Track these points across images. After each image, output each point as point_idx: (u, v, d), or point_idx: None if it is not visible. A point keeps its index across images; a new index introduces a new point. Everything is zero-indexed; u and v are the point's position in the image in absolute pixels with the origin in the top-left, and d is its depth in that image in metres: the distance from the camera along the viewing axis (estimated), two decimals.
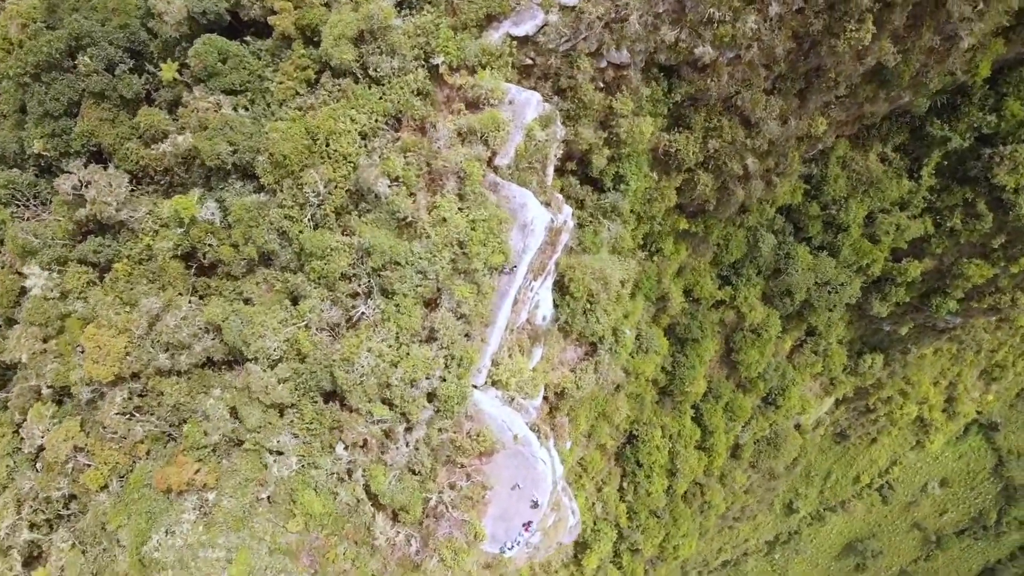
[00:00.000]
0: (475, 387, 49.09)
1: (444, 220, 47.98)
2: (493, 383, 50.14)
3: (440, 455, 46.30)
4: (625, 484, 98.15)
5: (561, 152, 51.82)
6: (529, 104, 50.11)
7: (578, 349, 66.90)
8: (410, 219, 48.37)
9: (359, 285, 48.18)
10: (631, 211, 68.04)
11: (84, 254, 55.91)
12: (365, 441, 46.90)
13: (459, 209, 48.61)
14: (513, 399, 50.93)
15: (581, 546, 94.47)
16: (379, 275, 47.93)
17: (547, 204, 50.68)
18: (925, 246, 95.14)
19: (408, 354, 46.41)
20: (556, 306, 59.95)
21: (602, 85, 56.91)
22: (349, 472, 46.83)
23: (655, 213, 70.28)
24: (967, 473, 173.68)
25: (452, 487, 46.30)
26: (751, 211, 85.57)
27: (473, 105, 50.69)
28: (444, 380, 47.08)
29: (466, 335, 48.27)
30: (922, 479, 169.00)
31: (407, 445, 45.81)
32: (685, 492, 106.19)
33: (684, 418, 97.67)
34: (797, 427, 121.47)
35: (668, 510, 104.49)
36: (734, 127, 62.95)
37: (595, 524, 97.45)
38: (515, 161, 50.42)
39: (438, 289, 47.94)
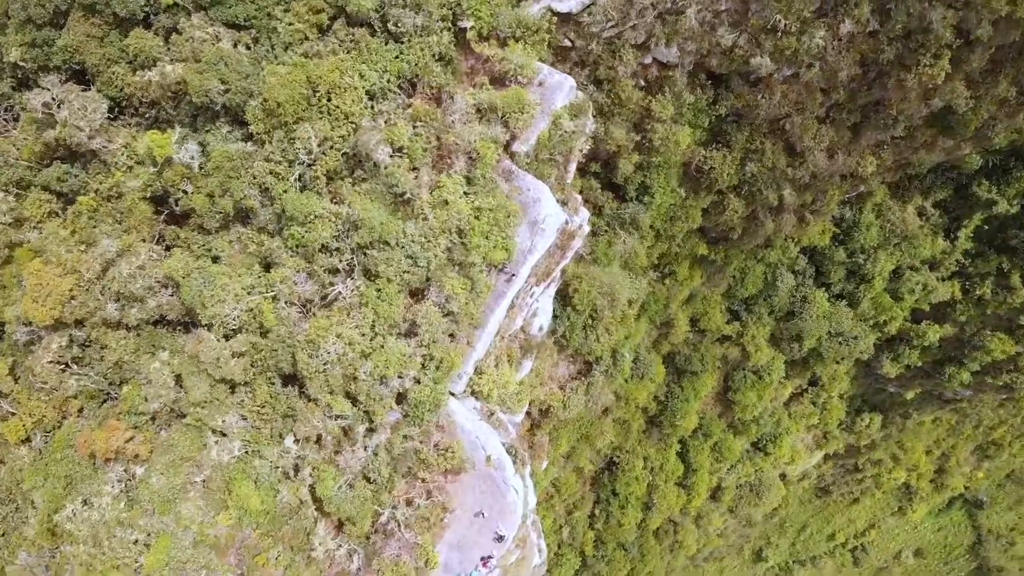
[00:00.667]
0: (452, 394, 43.24)
1: (446, 203, 42.09)
2: (473, 393, 44.28)
3: (401, 466, 40.47)
4: (597, 511, 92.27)
5: (587, 149, 45.88)
6: (561, 89, 44.20)
7: (571, 366, 61.09)
8: (408, 196, 42.47)
9: (340, 261, 42.26)
10: (651, 226, 62.16)
11: (48, 180, 49.98)
12: (319, 437, 41.02)
13: (464, 193, 42.73)
14: (493, 413, 45.06)
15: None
16: (364, 253, 42.04)
17: (563, 203, 44.79)
18: (949, 311, 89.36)
19: (382, 347, 40.51)
20: (555, 316, 54.11)
21: (643, 83, 51.02)
22: (296, 469, 40.97)
23: (676, 233, 64.37)
24: (944, 547, 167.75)
25: (409, 503, 40.48)
26: (774, 246, 79.74)
27: (498, 81, 44.77)
28: (418, 382, 41.21)
29: (451, 335, 42.40)
30: (897, 546, 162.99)
31: (365, 449, 40.01)
32: (657, 528, 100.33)
33: (669, 452, 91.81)
34: (782, 476, 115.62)
35: (637, 544, 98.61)
36: (777, 153, 57.01)
37: (559, 548, 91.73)
38: (535, 150, 44.52)
39: (427, 279, 42.04)
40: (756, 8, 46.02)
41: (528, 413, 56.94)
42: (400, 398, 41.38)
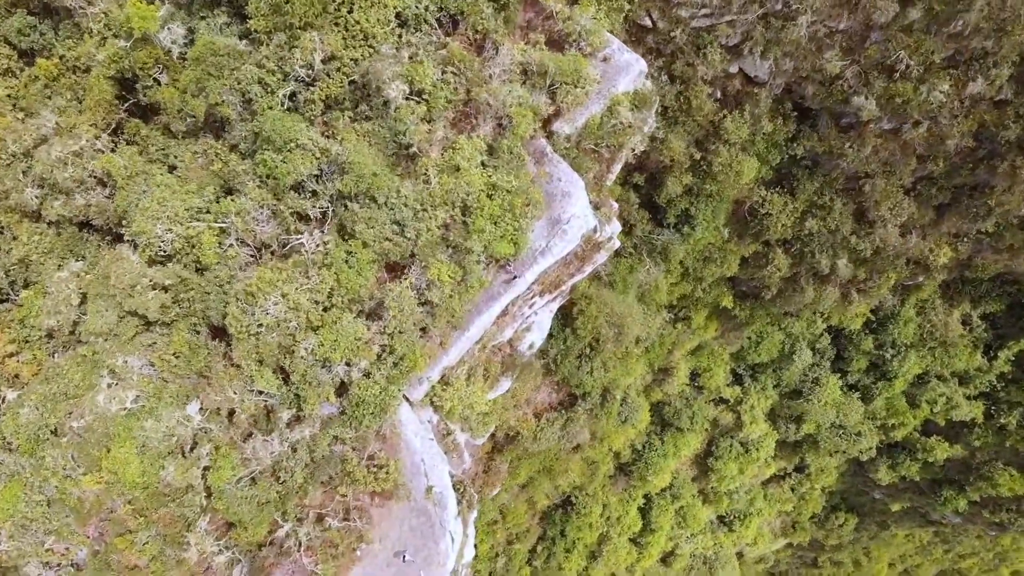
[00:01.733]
0: (407, 400, 34.72)
1: (457, 169, 33.62)
2: (432, 404, 35.76)
3: (321, 472, 32.00)
4: (540, 548, 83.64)
5: (639, 151, 37.38)
6: (627, 71, 35.73)
7: (554, 394, 52.60)
8: (415, 150, 34.02)
9: (314, 207, 33.76)
10: (680, 262, 53.70)
11: (8, 31, 41.19)
12: (232, 413, 32.46)
13: (482, 164, 34.31)
14: (450, 434, 36.58)
15: None
16: (345, 205, 33.57)
17: (596, 207, 36.32)
18: (964, 432, 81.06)
19: (335, 322, 31.97)
20: (551, 336, 45.61)
21: (720, 95, 42.54)
22: (193, 444, 32.42)
23: (705, 276, 55.95)
24: None
25: (319, 520, 32.01)
26: (801, 317, 71.36)
27: (556, 44, 36.34)
28: (368, 376, 32.69)
29: (422, 329, 33.91)
30: None
31: (283, 441, 31.59)
32: None
33: (631, 505, 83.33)
34: (739, 554, 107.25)
35: None
36: (844, 215, 48.66)
37: None
38: (580, 135, 36.05)
39: (411, 255, 33.54)
40: (878, 38, 37.59)
41: (492, 435, 48.48)
42: (342, 390, 32.87)
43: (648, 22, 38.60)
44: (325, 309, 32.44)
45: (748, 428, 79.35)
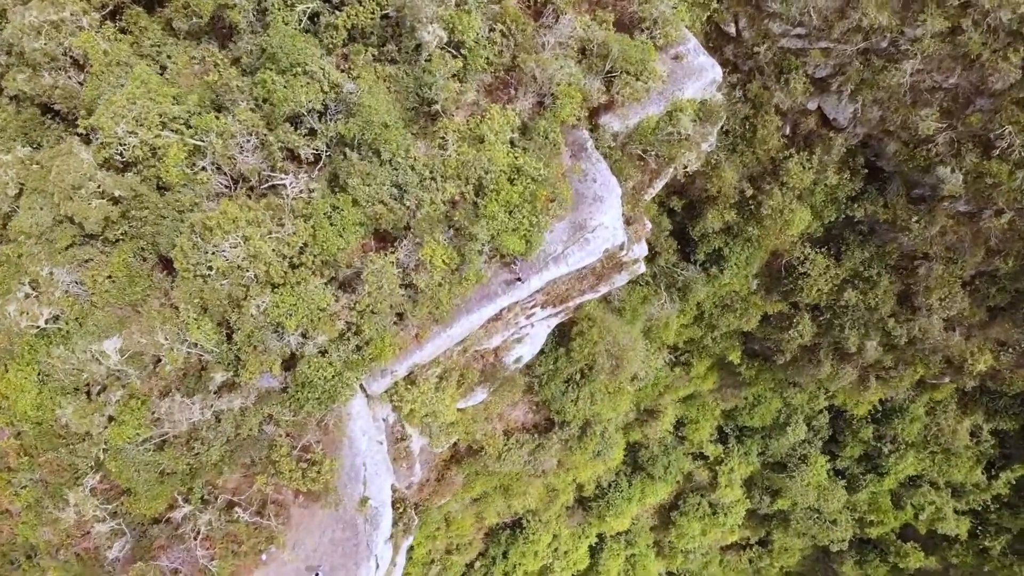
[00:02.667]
0: (364, 391, 29.42)
1: (480, 141, 28.41)
2: (392, 402, 30.45)
3: (243, 453, 26.77)
4: (478, 564, 78.30)
5: (691, 169, 32.09)
6: (699, 76, 30.52)
7: (531, 414, 47.37)
8: (438, 109, 28.80)
9: (307, 147, 28.52)
10: (698, 304, 48.48)
11: None
12: (158, 361, 27.17)
13: (511, 142, 29.07)
14: (404, 439, 31.35)
15: None
16: (343, 152, 28.37)
17: (628, 222, 31.10)
18: (944, 545, 75.75)
19: (300, 284, 26.74)
20: (542, 351, 40.38)
21: (789, 131, 37.29)
22: (103, 387, 27.19)
23: (720, 324, 50.76)
24: None
25: (229, 509, 26.77)
26: (806, 389, 66.08)
27: (625, 27, 31.13)
28: (323, 354, 27.44)
29: (399, 315, 28.69)
30: None
31: (208, 408, 26.37)
32: None
33: (583, 541, 77.90)
34: None
35: None
36: (888, 295, 43.47)
37: None
38: (628, 137, 30.85)
39: (406, 227, 28.30)
40: (985, 105, 32.45)
41: (454, 443, 43.24)
42: (290, 363, 27.59)
43: (732, 29, 33.44)
44: (292, 266, 27.21)
45: (722, 491, 74.01)
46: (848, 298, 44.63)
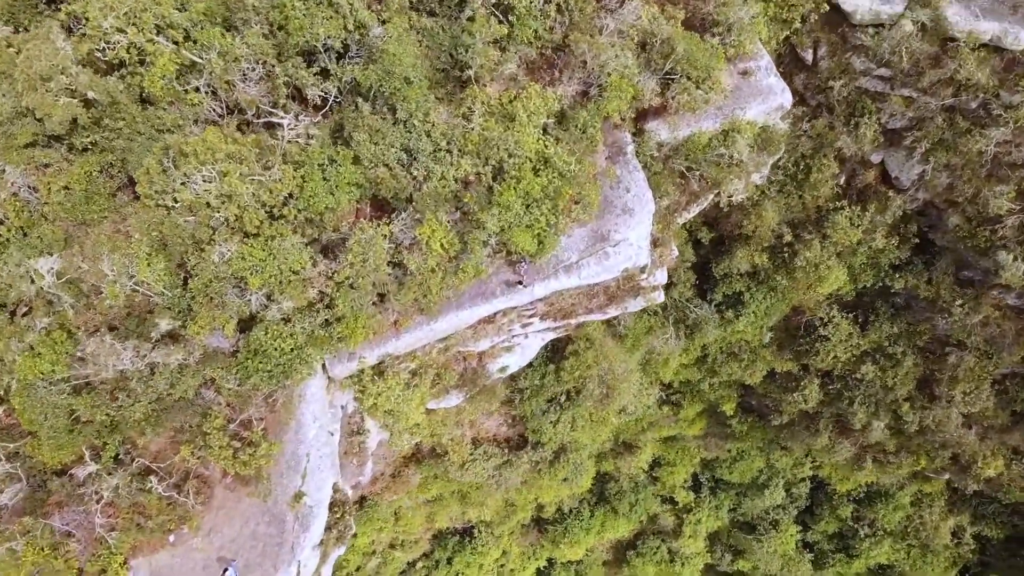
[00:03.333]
0: (325, 372, 25.75)
1: (511, 120, 24.82)
2: (355, 391, 26.76)
3: (172, 416, 23.13)
4: (420, 565, 74.68)
5: (736, 199, 28.43)
6: (766, 98, 26.98)
7: (505, 427, 43.78)
8: (470, 75, 25.19)
9: (316, 88, 24.86)
10: (703, 346, 44.95)
11: None
12: (97, 293, 23.48)
13: (544, 128, 25.46)
14: (361, 433, 27.70)
15: None
16: (355, 102, 24.75)
17: (655, 243, 27.44)
18: None
19: (275, 238, 23.10)
20: (530, 365, 36.76)
21: (844, 181, 33.77)
22: (29, 310, 23.54)
23: (721, 372, 47.23)
24: None
25: (143, 476, 23.08)
26: (792, 454, 62.52)
27: (695, 27, 27.51)
28: (287, 323, 23.82)
29: (380, 295, 25.09)
30: None
31: (142, 356, 22.74)
32: None
33: (532, 563, 74.43)
34: None
35: None
36: (909, 377, 39.96)
37: (357, 571, 74.25)
38: (674, 148, 27.24)
39: (408, 199, 24.70)
40: None
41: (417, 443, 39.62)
42: (247, 325, 23.94)
43: (809, 56, 29.90)
44: (271, 217, 23.58)
45: (685, 540, 70.45)
46: (865, 372, 41.05)
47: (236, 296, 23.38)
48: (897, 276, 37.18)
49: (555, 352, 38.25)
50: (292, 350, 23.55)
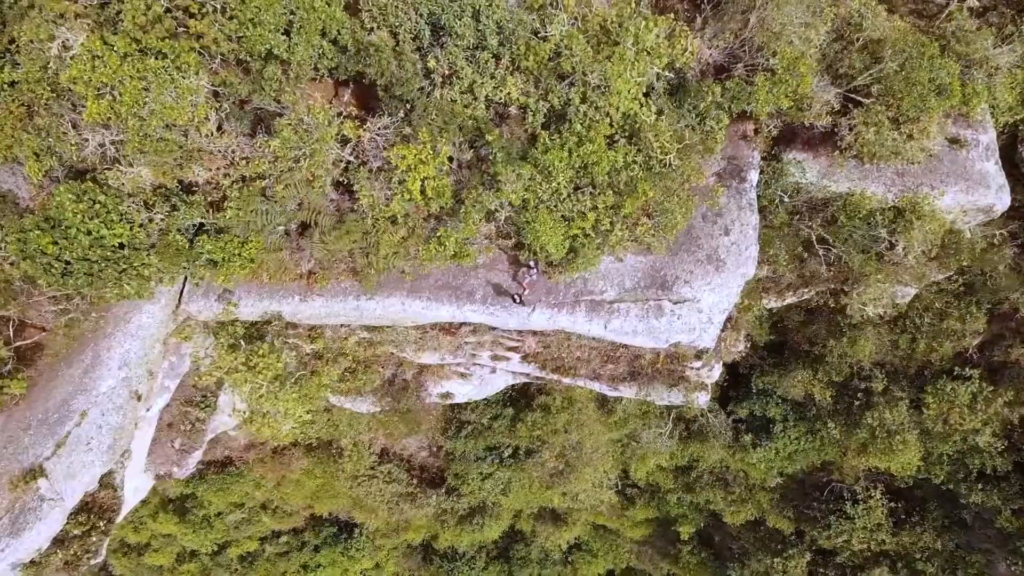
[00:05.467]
0: (180, 305, 15.78)
1: (610, 46, 14.92)
2: (212, 344, 16.87)
3: None
4: (285, 538, 64.67)
5: (852, 308, 18.57)
6: (972, 186, 17.54)
7: (424, 453, 34.05)
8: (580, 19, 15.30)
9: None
10: (695, 459, 35.18)
11: None
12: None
13: (649, 87, 15.65)
14: (204, 406, 17.82)
15: None
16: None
17: (727, 324, 17.56)
18: None
19: (162, 57, 13.10)
20: (485, 403, 26.85)
21: (978, 346, 24.03)
22: None
23: (699, 494, 37.44)
24: None
25: None
26: None
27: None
28: (140, 203, 13.82)
29: (301, 228, 15.15)
30: None
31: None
32: None
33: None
34: None
35: None
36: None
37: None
38: (810, 204, 17.56)
39: (406, 100, 14.77)
40: None
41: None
42: (77, 175, 14.08)
43: None
44: (174, 35, 13.67)
45: None
46: (872, 574, 31.24)
47: (65, 121, 13.54)
48: (980, 488, 27.59)
49: (520, 394, 28.43)
50: (124, 249, 13.72)
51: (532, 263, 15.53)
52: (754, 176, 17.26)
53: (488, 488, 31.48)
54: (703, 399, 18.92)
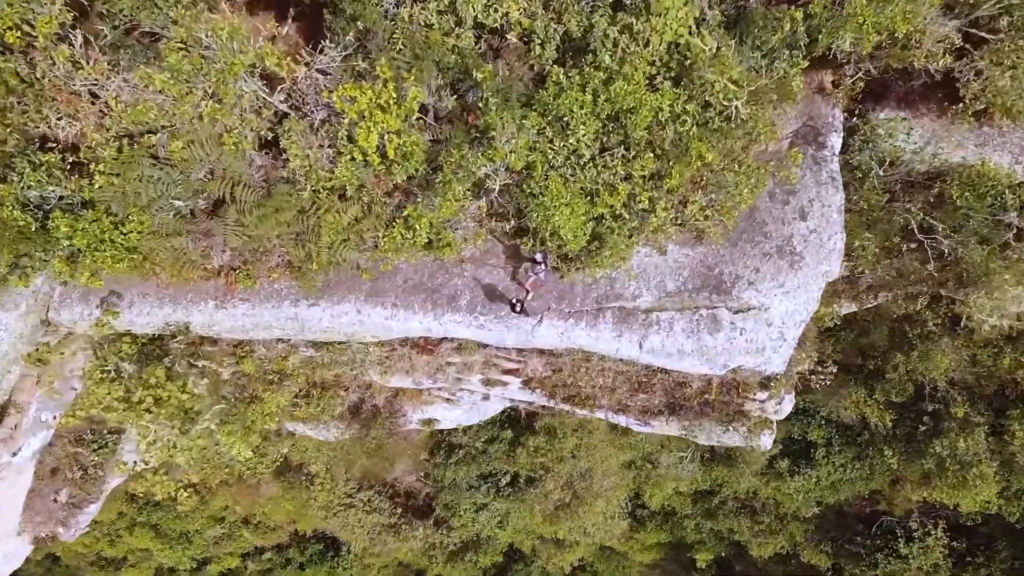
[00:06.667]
0: (46, 312, 11.25)
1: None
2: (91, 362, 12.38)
3: None
4: (267, 555, 60.18)
5: (979, 324, 14.17)
6: None
7: (411, 478, 29.43)
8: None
9: None
10: (719, 483, 30.63)
11: None
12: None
13: (701, 16, 11.03)
14: (98, 443, 13.26)
15: None
16: None
17: (800, 342, 12.90)
18: None
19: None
20: (479, 426, 22.30)
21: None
22: None
23: (721, 522, 32.90)
24: None
25: None
26: None
27: None
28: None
29: (213, 206, 10.48)
30: None
31: None
32: None
33: None
34: None
35: None
36: None
37: None
38: (908, 178, 12.82)
39: (363, 21, 10.11)
40: None
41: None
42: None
43: None
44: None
45: None
46: None
47: None
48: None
49: (523, 419, 23.86)
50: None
51: (539, 256, 10.94)
52: (836, 141, 12.70)
53: (483, 521, 26.95)
54: (767, 440, 14.40)
